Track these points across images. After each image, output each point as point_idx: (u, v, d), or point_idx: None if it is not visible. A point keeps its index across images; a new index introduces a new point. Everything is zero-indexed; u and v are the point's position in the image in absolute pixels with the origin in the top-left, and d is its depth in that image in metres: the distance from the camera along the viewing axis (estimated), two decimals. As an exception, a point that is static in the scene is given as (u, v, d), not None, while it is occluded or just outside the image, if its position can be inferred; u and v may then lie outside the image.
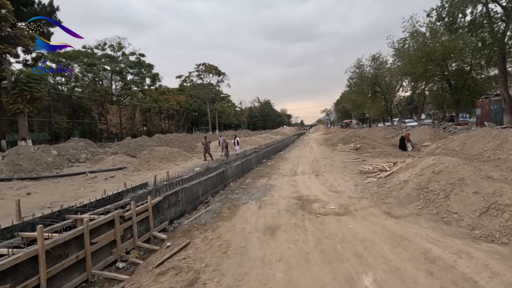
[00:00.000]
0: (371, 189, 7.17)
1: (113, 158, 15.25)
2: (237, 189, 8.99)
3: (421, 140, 18.23)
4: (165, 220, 6.36)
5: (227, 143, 16.93)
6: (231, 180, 11.05)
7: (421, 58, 18.98)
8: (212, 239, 4.73)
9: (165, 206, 6.39)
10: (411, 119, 44.69)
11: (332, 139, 31.14)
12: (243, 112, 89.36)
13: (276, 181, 9.90)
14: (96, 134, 27.86)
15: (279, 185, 9.10)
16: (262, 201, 7.02)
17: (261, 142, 32.15)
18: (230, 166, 11.27)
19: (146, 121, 36.35)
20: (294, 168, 13.03)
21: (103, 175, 12.62)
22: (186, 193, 7.39)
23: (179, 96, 48.20)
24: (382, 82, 35.84)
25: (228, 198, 7.91)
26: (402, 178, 6.58)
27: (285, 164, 14.79)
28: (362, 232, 4.45)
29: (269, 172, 12.15)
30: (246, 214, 5.99)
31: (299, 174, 11.14)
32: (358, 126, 64.10)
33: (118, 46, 37.57)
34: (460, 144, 13.47)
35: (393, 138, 24.49)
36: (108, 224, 4.75)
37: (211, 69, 46.87)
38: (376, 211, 5.46)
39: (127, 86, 37.13)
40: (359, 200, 6.32)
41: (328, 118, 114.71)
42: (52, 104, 30.29)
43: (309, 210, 5.87)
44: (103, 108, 28.79)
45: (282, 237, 4.54)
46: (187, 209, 7.42)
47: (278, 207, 6.27)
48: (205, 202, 8.24)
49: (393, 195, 6.00)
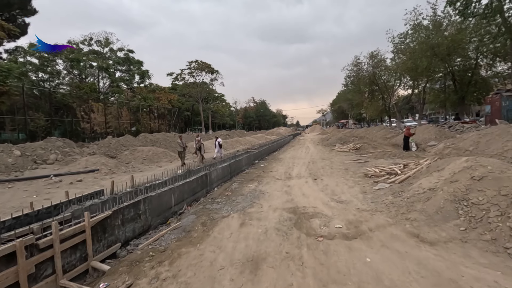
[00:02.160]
0: (385, 198, 5.70)
1: (87, 160, 13.57)
2: (219, 197, 7.45)
3: (426, 139, 16.89)
4: (116, 242, 4.79)
5: (201, 144, 14.58)
6: (216, 185, 9.52)
7: (426, 51, 17.67)
8: (165, 280, 3.19)
9: (116, 223, 4.82)
10: (409, 119, 43.64)
11: (329, 139, 29.80)
12: (238, 112, 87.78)
13: (267, 186, 8.38)
14: (79, 134, 26.02)
15: (270, 191, 7.58)
16: (247, 215, 5.49)
17: (255, 142, 30.65)
18: (215, 168, 9.73)
19: (134, 120, 34.53)
20: (288, 170, 11.53)
21: (70, 179, 10.97)
22: (152, 204, 5.84)
23: (171, 95, 46.43)
24: (380, 80, 34.65)
25: (206, 209, 6.37)
26: (425, 184, 5.12)
27: (278, 166, 13.28)
28: (388, 272, 2.95)
29: (260, 175, 10.63)
30: (223, 235, 4.46)
31: (294, 178, 9.64)
32: (355, 126, 62.98)
33: (105, 41, 35.78)
34: (473, 143, 12.13)
35: (394, 138, 23.21)
36: (7, 260, 3.18)
37: (204, 66, 45.17)
38: (399, 232, 3.97)
39: (114, 84, 35.27)
40: (372, 215, 4.83)
41: (324, 119, 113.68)
42: (32, 101, 28.57)
43: (307, 229, 4.36)
44: (87, 106, 26.96)
45: (267, 278, 3.02)
46: (153, 223, 5.87)
47: (267, 224, 4.75)
48: (179, 214, 6.70)
49: (418, 208, 4.53)
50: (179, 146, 14.44)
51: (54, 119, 23.47)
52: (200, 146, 14.36)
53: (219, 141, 15.93)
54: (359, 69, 35.67)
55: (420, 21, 20.10)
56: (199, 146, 14.26)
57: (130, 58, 37.11)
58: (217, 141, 15.88)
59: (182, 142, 14.50)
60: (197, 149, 14.20)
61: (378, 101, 38.83)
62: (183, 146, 14.25)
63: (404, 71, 20.29)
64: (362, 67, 35.26)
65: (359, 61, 35.32)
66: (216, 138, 16.27)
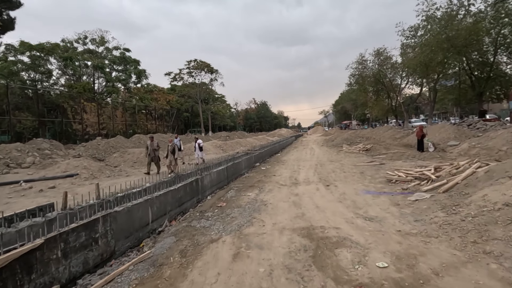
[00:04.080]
0: (432, 214, 4.19)
1: (68, 163, 12.12)
2: (211, 209, 5.95)
3: (444, 139, 15.34)
4: (53, 283, 3.30)
5: (175, 146, 11.63)
6: (210, 192, 8.03)
7: (442, 43, 16.15)
8: None
9: (52, 256, 3.33)
10: (416, 119, 42.11)
11: (334, 140, 28.29)
12: (239, 113, 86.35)
13: (270, 194, 6.88)
14: (70, 135, 24.63)
15: (274, 202, 6.08)
16: (244, 238, 4.00)
17: (256, 143, 29.17)
18: (209, 172, 8.24)
19: (130, 121, 33.11)
20: (294, 174, 10.01)
21: (42, 185, 9.51)
22: (118, 222, 4.37)
23: (170, 96, 45.05)
24: (386, 79, 33.14)
25: (192, 227, 4.88)
26: (495, 197, 3.63)
27: (282, 169, 11.78)
28: None
29: (261, 180, 9.13)
30: (205, 277, 2.96)
31: (302, 184, 8.14)
32: (358, 127, 61.39)
33: (100, 40, 34.49)
34: (506, 143, 10.57)
35: (404, 138, 21.65)
36: None
37: (203, 66, 43.80)
38: (485, 280, 2.45)
39: (110, 84, 33.90)
40: (427, 243, 3.32)
41: (326, 120, 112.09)
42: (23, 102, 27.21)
43: (334, 269, 2.85)
44: (79, 106, 25.58)
45: None
46: (119, 248, 4.39)
47: (271, 258, 3.25)
48: (157, 232, 5.22)
49: (499, 235, 3.06)
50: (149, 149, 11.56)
51: (42, 119, 22.04)
52: (173, 148, 11.41)
53: (199, 142, 13.87)
54: (364, 67, 34.19)
55: (434, 11, 18.64)
56: (172, 148, 11.33)
57: (126, 57, 35.77)
58: (196, 143, 13.82)
59: (154, 143, 11.73)
60: (170, 152, 11.26)
61: (384, 101, 37.31)
62: (154, 148, 11.53)
63: (415, 66, 18.75)
64: (367, 65, 33.79)
65: (364, 58, 33.87)
66: (196, 139, 14.13)
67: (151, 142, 11.76)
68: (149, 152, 11.59)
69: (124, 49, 35.74)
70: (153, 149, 11.62)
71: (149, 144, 11.68)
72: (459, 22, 16.71)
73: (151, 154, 11.57)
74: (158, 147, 11.91)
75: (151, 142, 11.73)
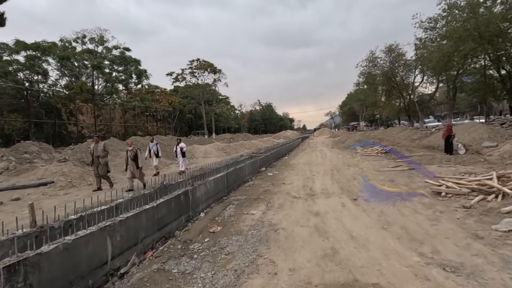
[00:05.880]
0: None
1: (47, 169, 10.61)
2: (199, 237, 4.28)
3: (476, 139, 13.42)
4: None
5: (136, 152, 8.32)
6: (204, 207, 6.35)
7: (473, 30, 14.25)
8: None
9: None
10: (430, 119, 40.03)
11: (344, 142, 26.47)
12: (244, 115, 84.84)
13: (281, 213, 5.18)
14: (64, 137, 23.29)
15: (287, 226, 4.39)
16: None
17: (261, 146, 27.50)
18: (204, 182, 6.56)
19: (129, 123, 31.74)
20: (308, 182, 8.29)
21: (5, 196, 7.98)
22: (46, 271, 2.72)
23: (172, 97, 43.70)
24: (398, 77, 31.20)
25: (165, 272, 3.21)
26: None
27: (292, 175, 10.06)
28: None
29: (269, 190, 7.43)
30: None
31: (320, 196, 6.42)
32: (367, 128, 59.25)
33: (99, 39, 33.31)
34: None
35: (423, 139, 19.73)
36: None
37: (206, 66, 42.36)
38: None
39: (109, 84, 32.64)
40: None
41: (333, 121, 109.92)
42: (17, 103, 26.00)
43: None
44: (74, 107, 24.26)
45: None
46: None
47: None
48: (119, 275, 3.56)
49: None
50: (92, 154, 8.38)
51: (32, 121, 20.71)
52: (135, 154, 8.22)
53: (182, 146, 11.12)
54: (375, 65, 32.30)
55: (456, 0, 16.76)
56: (133, 155, 8.22)
57: (127, 57, 34.53)
58: (178, 147, 11.12)
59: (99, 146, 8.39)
60: (131, 159, 8.18)
61: (396, 100, 35.31)
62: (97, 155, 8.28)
63: (439, 60, 16.89)
64: (378, 63, 31.88)
65: (374, 56, 31.98)
66: (178, 142, 11.38)
67: (95, 144, 8.38)
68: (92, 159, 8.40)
69: (124, 48, 34.56)
70: (96, 156, 8.28)
71: (92, 148, 8.33)
72: (489, 9, 14.84)
73: (95, 162, 8.32)
74: (105, 152, 8.52)
75: (95, 145, 8.34)
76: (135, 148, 8.46)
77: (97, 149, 8.38)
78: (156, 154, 11.28)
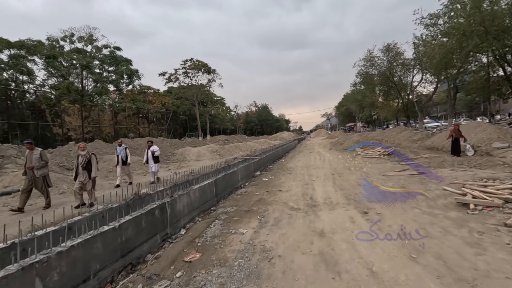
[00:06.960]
0: None
1: (16, 175, 9.53)
2: (170, 269, 3.27)
3: (484, 140, 12.61)
4: None
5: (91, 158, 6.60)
6: (186, 221, 5.35)
7: (479, 25, 13.48)
8: None
9: None
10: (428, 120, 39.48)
11: (343, 143, 25.58)
12: (240, 117, 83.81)
13: (277, 233, 4.19)
14: (48, 140, 22.05)
15: (285, 252, 3.41)
16: None
17: (256, 147, 26.52)
18: (186, 191, 5.56)
19: (121, 124, 30.52)
20: (307, 190, 7.31)
21: (-42, 208, 6.86)
22: None
23: (165, 98, 42.50)
24: (396, 77, 30.54)
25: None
26: None
27: (290, 180, 9.08)
28: None
29: (263, 200, 6.44)
30: None
31: (324, 207, 5.45)
32: (364, 129, 58.63)
33: (88, 37, 32.07)
34: None
35: (425, 140, 18.96)
36: None
37: (200, 66, 41.29)
38: None
39: (99, 84, 31.39)
40: None
41: (329, 123, 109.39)
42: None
43: None
44: (59, 108, 23.04)
45: None
46: None
47: None
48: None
49: None
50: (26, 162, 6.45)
51: (12, 122, 19.48)
52: (88, 161, 6.48)
53: (154, 150, 9.49)
54: (372, 65, 31.61)
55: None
56: (85, 161, 6.44)
57: (117, 56, 33.30)
58: (150, 150, 9.48)
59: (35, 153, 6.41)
60: (82, 167, 6.39)
61: (394, 100, 34.65)
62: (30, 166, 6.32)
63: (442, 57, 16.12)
64: (376, 62, 31.19)
65: (372, 55, 31.28)
66: (149, 145, 9.68)
67: (29, 152, 6.41)
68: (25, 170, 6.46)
69: (114, 48, 33.33)
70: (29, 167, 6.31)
71: (26, 155, 6.40)
72: (493, 4, 14.10)
73: (28, 174, 6.34)
74: (42, 162, 6.52)
75: (28, 153, 6.39)
76: (88, 153, 6.63)
77: (31, 158, 6.31)
78: (124, 160, 9.28)
